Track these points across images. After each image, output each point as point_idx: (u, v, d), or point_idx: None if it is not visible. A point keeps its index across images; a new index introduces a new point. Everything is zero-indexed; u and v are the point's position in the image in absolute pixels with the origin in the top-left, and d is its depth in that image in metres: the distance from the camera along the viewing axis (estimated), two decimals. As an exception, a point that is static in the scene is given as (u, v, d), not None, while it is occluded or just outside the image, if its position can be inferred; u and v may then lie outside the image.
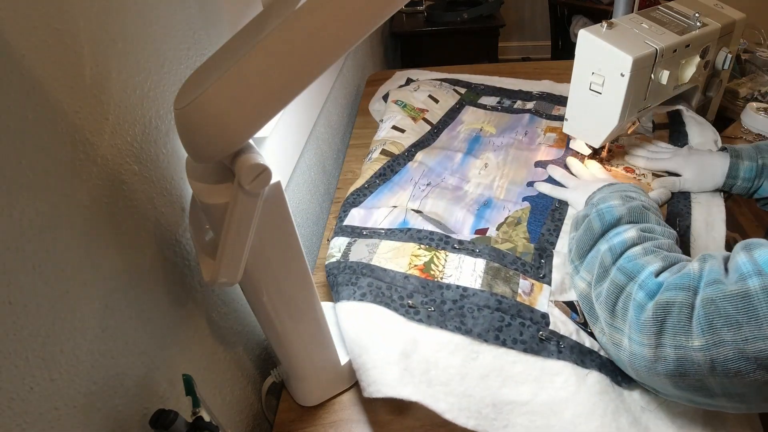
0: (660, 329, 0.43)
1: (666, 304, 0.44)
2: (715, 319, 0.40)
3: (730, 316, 0.39)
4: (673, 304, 0.43)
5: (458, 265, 0.62)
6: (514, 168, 0.85)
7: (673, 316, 0.43)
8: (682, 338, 0.42)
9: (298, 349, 0.52)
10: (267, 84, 0.32)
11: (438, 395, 0.51)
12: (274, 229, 0.41)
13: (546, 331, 0.55)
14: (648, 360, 0.44)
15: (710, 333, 0.40)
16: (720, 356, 0.40)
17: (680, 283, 0.44)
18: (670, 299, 0.44)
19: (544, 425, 0.50)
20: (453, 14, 2.02)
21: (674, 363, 0.43)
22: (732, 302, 0.39)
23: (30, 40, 0.30)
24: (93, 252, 0.35)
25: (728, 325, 0.39)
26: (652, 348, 0.44)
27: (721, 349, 0.40)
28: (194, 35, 0.49)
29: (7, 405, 0.28)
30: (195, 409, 0.38)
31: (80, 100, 0.34)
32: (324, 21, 0.31)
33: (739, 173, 0.72)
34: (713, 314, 0.40)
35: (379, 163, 0.85)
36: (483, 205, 0.77)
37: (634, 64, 0.67)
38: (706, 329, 0.40)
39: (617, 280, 0.50)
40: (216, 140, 0.33)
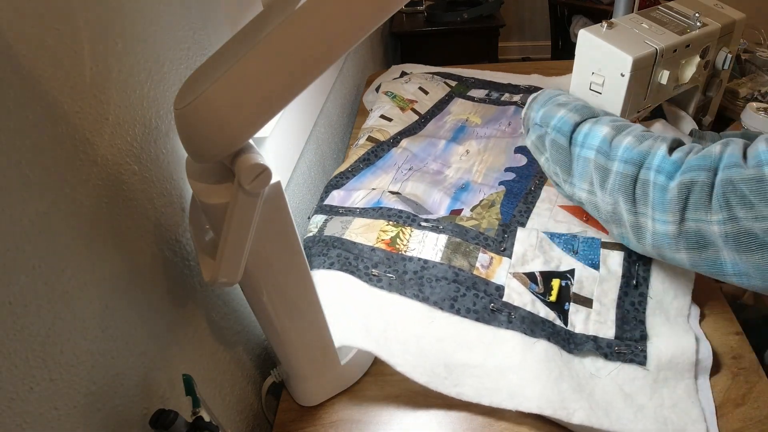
0: (684, 206, 0.48)
1: (690, 182, 0.48)
2: (731, 198, 0.45)
3: (745, 197, 0.44)
4: (696, 183, 0.48)
5: (421, 240, 0.66)
6: (494, 154, 0.88)
7: (695, 194, 0.47)
8: (702, 213, 0.47)
9: (298, 349, 0.52)
10: (267, 84, 0.32)
11: (395, 351, 0.55)
12: (274, 229, 0.41)
13: (498, 303, 0.60)
14: (672, 236, 0.50)
15: (726, 210, 0.45)
16: (733, 231, 0.45)
17: (702, 164, 0.48)
18: (693, 178, 0.48)
19: (493, 387, 0.53)
20: (453, 14, 2.02)
21: (695, 236, 0.48)
22: (748, 184, 0.44)
23: (30, 40, 0.30)
24: (93, 252, 0.35)
25: (742, 204, 0.44)
26: (677, 224, 0.49)
27: (734, 224, 0.45)
28: (194, 35, 0.49)
29: (7, 405, 0.28)
30: (195, 409, 0.38)
31: (80, 100, 0.34)
32: (324, 21, 0.31)
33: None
34: (730, 193, 0.45)
35: (364, 149, 0.88)
36: (460, 189, 0.80)
37: (634, 64, 0.67)
38: (723, 206, 0.45)
39: (627, 172, 0.53)
40: (216, 140, 0.33)
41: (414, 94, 1.05)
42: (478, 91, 1.10)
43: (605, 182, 0.55)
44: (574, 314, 0.59)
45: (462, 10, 2.03)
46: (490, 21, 2.05)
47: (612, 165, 0.54)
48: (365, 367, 0.60)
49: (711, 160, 0.48)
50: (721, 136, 0.74)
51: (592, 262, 0.63)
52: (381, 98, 1.03)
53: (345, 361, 0.57)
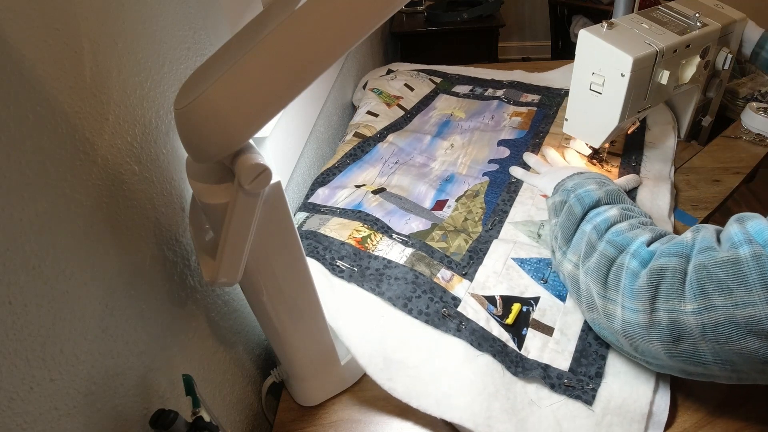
0: (654, 294, 0.44)
1: (660, 269, 0.45)
2: (706, 284, 0.41)
3: (721, 282, 0.40)
4: (667, 269, 0.44)
5: (390, 245, 0.68)
6: (478, 147, 0.91)
7: (666, 281, 0.44)
8: (675, 302, 0.43)
9: (298, 349, 0.52)
10: (267, 84, 0.32)
11: (341, 329, 0.56)
12: (274, 229, 0.41)
13: (451, 310, 0.59)
14: (642, 326, 0.45)
15: (702, 298, 0.41)
16: (711, 321, 0.41)
17: (673, 251, 0.45)
18: (663, 265, 0.45)
19: (422, 391, 0.53)
20: (453, 14, 2.02)
21: (668, 328, 0.44)
22: (723, 268, 0.40)
23: (30, 40, 0.30)
24: (93, 252, 0.35)
25: (719, 291, 0.40)
26: (647, 314, 0.45)
27: (712, 314, 0.41)
28: (194, 35, 0.49)
29: (7, 405, 0.28)
30: (195, 409, 0.38)
31: (80, 100, 0.34)
32: (324, 21, 0.31)
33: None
34: (705, 279, 0.41)
35: (351, 145, 0.90)
36: (445, 180, 0.83)
37: (634, 64, 0.67)
38: (699, 294, 0.42)
39: (607, 253, 0.51)
40: (216, 140, 0.33)
41: (400, 90, 1.07)
42: (462, 87, 1.12)
43: (587, 259, 0.53)
44: (530, 339, 0.57)
45: (462, 10, 2.03)
46: (490, 21, 2.05)
47: (598, 245, 0.52)
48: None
49: (683, 246, 0.45)
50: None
51: (560, 294, 0.61)
52: (367, 95, 1.05)
53: (345, 361, 0.57)
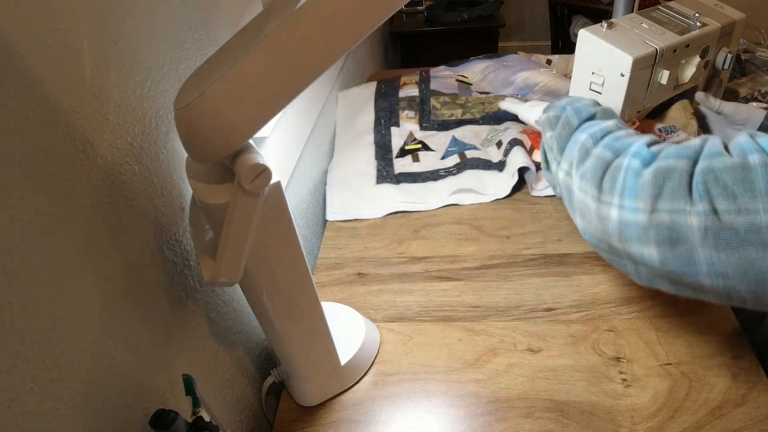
0: (658, 193, 0.43)
1: (666, 169, 0.44)
2: (712, 187, 0.41)
3: (727, 186, 0.40)
4: (674, 169, 0.43)
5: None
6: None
7: (672, 181, 0.43)
8: (680, 203, 0.42)
9: (298, 349, 0.52)
10: (267, 84, 0.32)
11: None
12: (274, 229, 0.41)
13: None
14: (641, 227, 0.44)
15: (707, 200, 0.41)
16: (713, 225, 0.40)
17: (681, 153, 0.44)
18: (670, 165, 0.44)
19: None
20: (453, 14, 2.02)
21: (668, 229, 0.43)
22: (731, 173, 0.40)
23: (30, 40, 0.30)
24: (93, 252, 0.35)
25: (724, 195, 0.40)
26: (647, 213, 0.44)
27: (715, 218, 0.40)
28: (194, 35, 0.49)
29: (7, 405, 0.28)
30: (195, 409, 0.38)
31: (80, 100, 0.34)
32: (324, 21, 0.31)
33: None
34: (711, 183, 0.41)
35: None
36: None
37: (634, 64, 0.67)
38: (703, 196, 0.41)
39: (603, 156, 0.49)
40: (216, 140, 0.33)
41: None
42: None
43: (582, 163, 0.52)
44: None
45: (462, 10, 2.03)
46: (490, 21, 2.05)
47: (594, 149, 0.51)
48: (365, 367, 0.60)
49: (691, 149, 0.44)
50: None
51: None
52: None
53: (345, 361, 0.57)
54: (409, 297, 0.68)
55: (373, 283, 0.71)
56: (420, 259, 0.74)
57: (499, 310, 0.65)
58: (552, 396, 0.55)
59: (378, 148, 0.94)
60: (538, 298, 0.66)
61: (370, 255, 0.75)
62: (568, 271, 0.68)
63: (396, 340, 0.63)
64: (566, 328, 0.61)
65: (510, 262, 0.71)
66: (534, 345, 0.60)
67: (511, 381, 0.57)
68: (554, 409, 0.53)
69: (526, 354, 0.59)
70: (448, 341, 0.62)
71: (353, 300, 0.69)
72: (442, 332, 0.63)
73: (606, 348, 0.59)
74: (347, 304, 0.66)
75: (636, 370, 0.56)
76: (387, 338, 0.63)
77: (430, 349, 0.61)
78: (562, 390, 0.55)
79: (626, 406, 0.53)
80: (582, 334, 0.60)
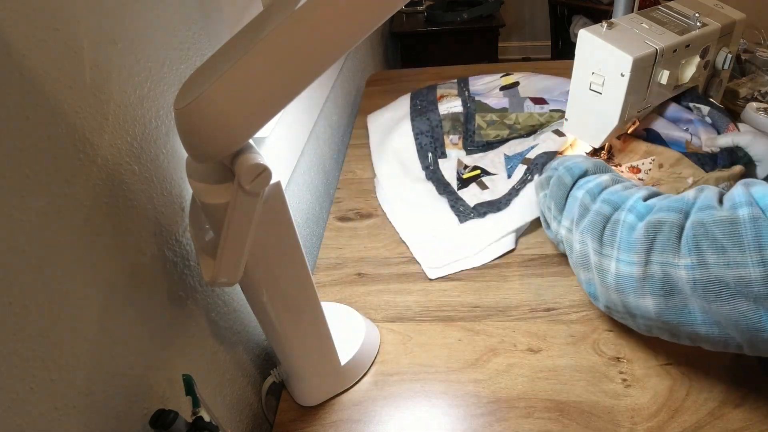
0: (650, 247, 0.45)
1: (657, 222, 0.45)
2: (701, 241, 0.42)
3: (716, 240, 0.41)
4: (665, 223, 0.45)
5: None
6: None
7: (663, 234, 0.44)
8: (670, 256, 0.43)
9: (298, 349, 0.52)
10: (267, 84, 0.32)
11: None
12: (274, 229, 0.41)
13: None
14: (636, 279, 0.46)
15: (696, 254, 0.42)
16: (702, 277, 0.41)
17: (673, 206, 0.46)
18: (662, 218, 0.45)
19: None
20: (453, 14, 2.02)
21: (660, 281, 0.44)
22: (720, 227, 0.41)
23: (30, 40, 0.30)
24: (93, 252, 0.35)
25: (713, 249, 0.41)
26: (641, 266, 0.45)
27: (704, 271, 0.41)
28: (194, 35, 0.49)
29: (8, 405, 0.28)
30: (195, 409, 0.38)
31: (80, 100, 0.34)
32: (324, 21, 0.31)
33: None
34: (701, 236, 0.42)
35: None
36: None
37: (634, 64, 0.66)
38: (693, 249, 0.42)
39: (602, 211, 0.51)
40: (216, 140, 0.33)
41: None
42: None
43: (582, 220, 0.54)
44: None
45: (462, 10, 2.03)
46: (490, 21, 2.05)
47: (592, 205, 0.53)
48: (365, 367, 0.60)
49: (684, 202, 0.46)
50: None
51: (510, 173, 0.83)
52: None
53: (345, 361, 0.57)
54: (409, 297, 0.68)
55: (373, 283, 0.71)
56: (420, 259, 0.74)
57: (499, 310, 0.65)
58: (552, 396, 0.55)
59: (435, 184, 0.85)
60: (538, 298, 0.66)
61: (370, 255, 0.75)
62: (568, 271, 0.68)
63: (396, 340, 0.63)
64: (566, 328, 0.61)
65: (510, 262, 0.71)
66: (534, 345, 0.60)
67: (511, 381, 0.57)
68: (554, 409, 0.53)
69: (526, 354, 0.59)
70: (448, 341, 0.62)
71: (353, 300, 0.69)
72: (442, 332, 0.63)
73: (606, 348, 0.59)
74: (347, 304, 0.66)
75: (636, 370, 0.56)
76: (387, 338, 0.63)
77: (430, 349, 0.61)
78: (562, 390, 0.55)
79: (626, 406, 0.53)
80: (582, 334, 0.60)
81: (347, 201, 0.87)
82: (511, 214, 0.76)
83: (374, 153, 0.95)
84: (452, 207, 0.80)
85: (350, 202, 0.86)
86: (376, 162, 0.93)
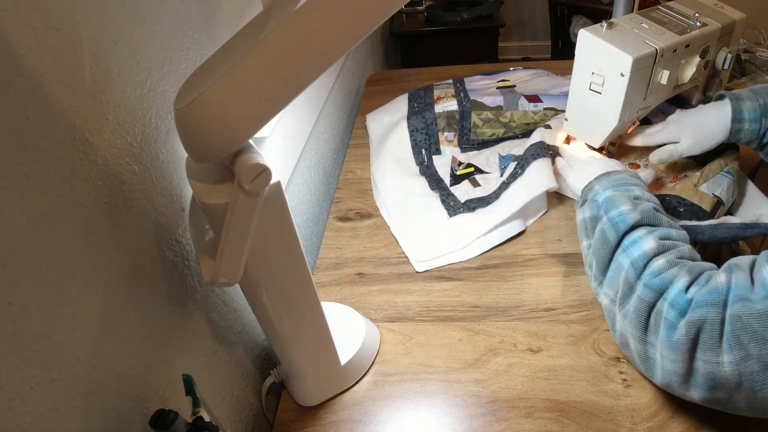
0: (692, 347, 0.45)
1: (698, 321, 0.45)
2: (742, 335, 0.42)
3: (756, 333, 0.41)
4: (705, 321, 0.45)
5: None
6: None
7: (705, 333, 0.44)
8: (712, 354, 0.44)
9: (298, 349, 0.52)
10: (267, 84, 0.32)
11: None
12: (274, 229, 0.41)
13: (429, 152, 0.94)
14: (681, 376, 0.47)
15: (738, 348, 0.42)
16: (747, 370, 0.42)
17: (709, 300, 0.45)
18: (701, 317, 0.45)
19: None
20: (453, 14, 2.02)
21: (704, 377, 0.45)
22: (759, 319, 0.41)
23: (30, 40, 0.30)
24: (93, 252, 0.35)
25: (755, 341, 0.41)
26: (685, 363, 0.46)
27: (748, 363, 0.42)
28: (194, 35, 0.49)
29: (7, 405, 0.28)
30: (195, 409, 0.38)
31: (80, 100, 0.34)
32: (324, 21, 0.31)
33: (743, 115, 0.67)
34: (740, 331, 0.42)
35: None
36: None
37: (634, 64, 0.66)
38: (735, 345, 0.43)
39: (646, 297, 0.50)
40: (216, 140, 0.33)
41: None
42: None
43: (625, 300, 0.52)
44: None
45: (462, 10, 2.03)
46: (490, 21, 2.05)
47: (637, 285, 0.51)
48: (365, 367, 0.60)
49: (718, 293, 0.45)
50: (754, 91, 0.68)
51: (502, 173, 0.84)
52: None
53: (345, 361, 0.57)
54: (409, 297, 0.68)
55: (372, 283, 0.71)
56: (420, 259, 0.74)
57: (499, 310, 0.65)
58: (552, 396, 0.55)
59: (428, 179, 0.87)
60: (538, 298, 0.66)
61: (370, 255, 0.75)
62: (568, 271, 0.68)
63: (396, 340, 0.63)
64: (566, 328, 0.61)
65: (510, 262, 0.71)
66: (534, 345, 0.60)
67: (511, 381, 0.57)
68: (554, 409, 0.53)
69: (526, 354, 0.59)
70: (447, 341, 0.62)
71: (353, 300, 0.69)
72: (442, 332, 0.63)
73: (606, 348, 0.59)
74: (347, 304, 0.66)
75: (636, 370, 0.56)
76: (387, 338, 0.63)
77: (429, 349, 0.61)
78: (562, 390, 0.55)
79: (626, 406, 0.53)
80: (582, 334, 0.60)
81: (347, 201, 0.87)
82: (499, 207, 0.77)
83: (373, 153, 0.96)
84: (443, 202, 0.81)
85: (350, 202, 0.86)
86: (373, 161, 0.93)
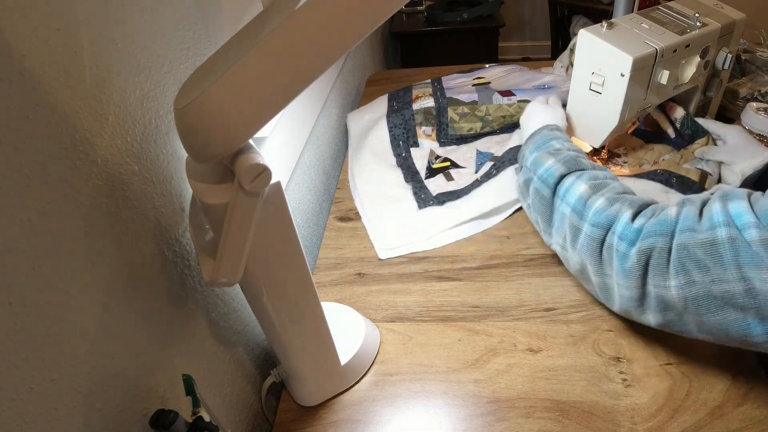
0: (643, 273, 0.49)
1: (647, 249, 0.49)
2: (687, 262, 0.46)
3: (699, 260, 0.45)
4: (654, 248, 0.48)
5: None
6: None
7: (654, 259, 0.48)
8: (660, 279, 0.48)
9: (298, 349, 0.52)
10: (267, 84, 0.32)
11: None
12: (274, 229, 0.41)
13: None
14: (636, 300, 0.51)
15: (683, 274, 0.46)
16: (691, 295, 0.46)
17: (659, 230, 0.49)
18: (650, 245, 0.49)
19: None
20: (453, 14, 2.02)
21: (655, 301, 0.49)
22: (702, 249, 0.45)
23: (30, 40, 0.30)
24: (93, 252, 0.35)
25: (698, 268, 0.45)
26: (639, 289, 0.50)
27: (692, 288, 0.45)
28: (194, 35, 0.49)
29: (7, 405, 0.28)
30: (195, 409, 0.38)
31: (80, 100, 0.34)
32: (324, 21, 0.31)
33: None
34: (685, 258, 0.46)
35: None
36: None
37: (634, 64, 0.67)
38: (680, 271, 0.46)
39: (595, 235, 0.54)
40: (216, 140, 0.33)
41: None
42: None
43: (576, 241, 0.57)
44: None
45: (462, 10, 2.03)
46: (490, 21, 2.05)
47: (583, 226, 0.56)
48: (365, 367, 0.60)
49: (667, 224, 0.48)
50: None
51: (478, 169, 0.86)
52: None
53: (345, 361, 0.57)
54: (409, 297, 0.68)
55: (373, 283, 0.71)
56: (420, 259, 0.74)
57: (498, 310, 0.65)
58: (552, 396, 0.55)
59: (404, 171, 0.89)
60: (538, 298, 0.66)
61: (370, 255, 0.75)
62: (568, 271, 0.68)
63: (396, 340, 0.63)
64: (566, 328, 0.61)
65: (510, 262, 0.71)
66: (534, 345, 0.60)
67: (511, 381, 0.57)
68: (554, 409, 0.53)
69: (526, 354, 0.59)
70: (447, 341, 0.62)
71: (353, 300, 0.69)
72: (442, 332, 0.63)
73: (606, 348, 0.59)
74: (347, 304, 0.66)
75: (636, 370, 0.56)
76: (387, 338, 0.63)
77: (429, 349, 0.61)
78: (562, 390, 0.55)
79: (626, 406, 0.53)
80: (582, 334, 0.61)
81: (347, 201, 0.87)
82: (469, 203, 0.79)
83: (351, 150, 0.99)
84: (415, 194, 0.83)
85: (350, 202, 0.86)
86: (352, 156, 0.96)
